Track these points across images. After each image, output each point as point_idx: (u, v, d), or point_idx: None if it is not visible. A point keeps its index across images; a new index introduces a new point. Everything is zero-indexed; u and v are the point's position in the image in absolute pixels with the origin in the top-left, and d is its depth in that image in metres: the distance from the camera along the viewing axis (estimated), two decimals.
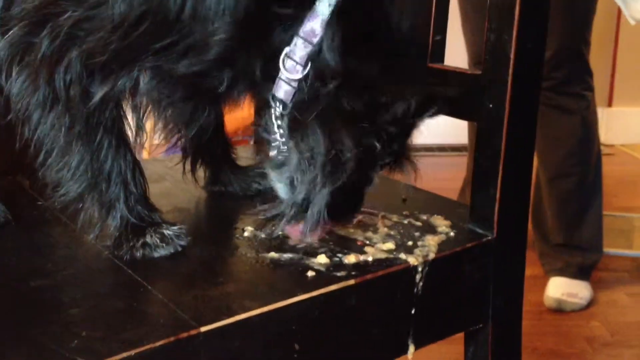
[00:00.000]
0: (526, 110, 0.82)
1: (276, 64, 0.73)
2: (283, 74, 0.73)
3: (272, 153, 0.78)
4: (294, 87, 0.73)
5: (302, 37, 0.72)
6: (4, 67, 0.75)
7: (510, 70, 0.79)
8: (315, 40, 0.71)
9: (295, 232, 0.80)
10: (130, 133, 0.80)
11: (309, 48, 0.72)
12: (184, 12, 0.70)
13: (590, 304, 1.92)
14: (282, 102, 0.75)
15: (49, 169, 0.78)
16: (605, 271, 2.07)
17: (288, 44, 0.72)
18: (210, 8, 0.69)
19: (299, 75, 0.73)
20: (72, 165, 0.77)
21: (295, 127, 0.74)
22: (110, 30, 0.70)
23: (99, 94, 0.73)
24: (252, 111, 1.22)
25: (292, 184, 0.77)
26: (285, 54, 0.73)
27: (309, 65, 0.72)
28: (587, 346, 1.74)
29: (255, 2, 0.70)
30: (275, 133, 0.77)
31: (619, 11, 2.97)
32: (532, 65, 0.81)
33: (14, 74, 0.75)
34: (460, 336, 0.90)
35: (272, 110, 0.76)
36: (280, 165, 0.78)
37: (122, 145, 0.78)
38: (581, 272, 1.96)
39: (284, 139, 0.77)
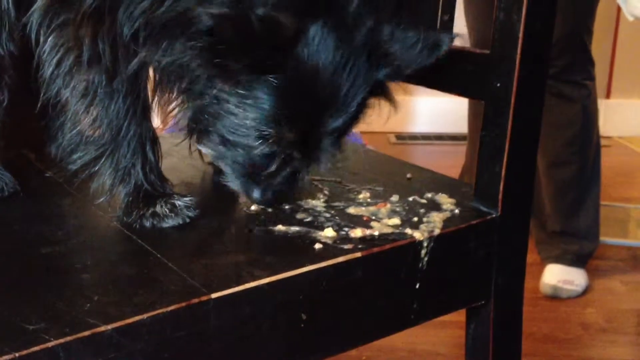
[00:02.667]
0: (533, 89, 0.83)
1: None
2: None
3: None
4: None
5: None
6: (35, 27, 0.76)
7: (519, 50, 0.80)
8: None
9: None
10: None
11: None
12: None
13: (586, 291, 1.93)
14: None
15: (66, 132, 0.79)
16: (601, 259, 2.09)
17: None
18: None
19: None
20: (94, 127, 0.78)
21: None
22: None
23: (140, 54, 0.74)
24: None
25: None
26: None
27: None
28: (582, 332, 1.75)
29: None
30: None
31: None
32: (540, 45, 0.82)
33: (46, 32, 0.75)
34: (462, 320, 0.92)
35: None
36: None
37: (145, 112, 0.79)
38: (577, 260, 1.97)
39: None
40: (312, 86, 0.72)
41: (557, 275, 1.94)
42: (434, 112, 3.29)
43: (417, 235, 0.80)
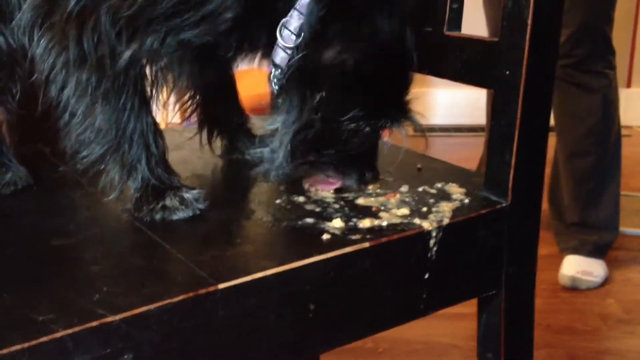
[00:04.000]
0: (542, 77, 0.83)
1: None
2: (280, 42, 0.79)
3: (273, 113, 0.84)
4: (288, 54, 0.79)
5: (297, 10, 0.78)
6: (27, 29, 0.77)
7: (527, 37, 0.79)
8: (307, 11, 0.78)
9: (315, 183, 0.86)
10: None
11: (302, 19, 0.78)
12: None
13: (605, 282, 1.92)
14: (279, 66, 0.81)
15: (72, 130, 0.79)
16: (620, 250, 2.07)
17: (286, 15, 0.78)
18: None
19: (292, 44, 0.79)
20: (95, 126, 0.78)
21: (284, 90, 0.81)
22: None
23: (127, 52, 0.75)
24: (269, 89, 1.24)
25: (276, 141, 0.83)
26: (282, 24, 0.79)
27: (302, 34, 0.78)
28: (601, 323, 1.74)
29: None
30: (275, 95, 0.83)
31: None
32: (549, 32, 0.81)
33: (38, 34, 0.76)
34: (474, 312, 0.91)
35: (271, 75, 0.82)
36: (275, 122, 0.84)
37: (144, 106, 0.80)
38: (596, 251, 1.95)
39: (276, 99, 0.83)
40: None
41: (575, 267, 1.92)
42: (453, 104, 3.27)
43: (426, 225, 0.79)
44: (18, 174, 0.90)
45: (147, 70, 0.82)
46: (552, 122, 2.00)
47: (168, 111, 0.93)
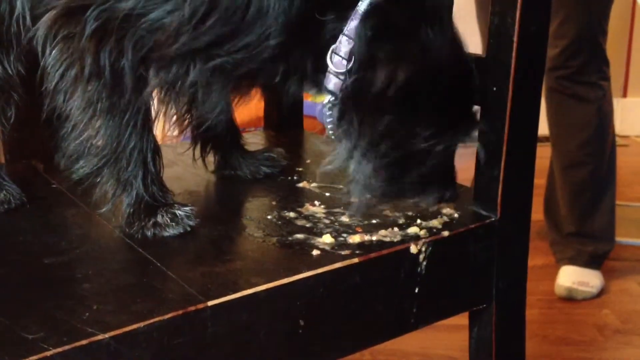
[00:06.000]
0: (530, 92, 0.83)
1: (325, 59, 0.80)
2: (331, 68, 0.80)
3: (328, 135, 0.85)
4: (341, 79, 0.80)
5: (346, 35, 0.78)
6: (42, 39, 0.78)
7: (514, 53, 0.80)
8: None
9: None
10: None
11: (352, 44, 0.78)
12: (249, 11, 0.74)
13: (602, 292, 1.92)
14: (332, 93, 0.81)
15: (72, 140, 0.81)
16: (617, 260, 2.07)
17: (334, 41, 0.79)
18: (269, 8, 0.74)
19: (344, 69, 0.79)
20: (96, 139, 0.80)
21: (342, 115, 0.81)
22: (177, 26, 0.74)
23: (154, 80, 0.77)
24: (262, 103, 1.24)
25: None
26: (332, 50, 0.79)
27: (353, 58, 0.78)
28: (597, 334, 1.74)
29: (306, 5, 0.76)
30: (328, 120, 0.83)
31: (634, 1, 2.95)
32: (535, 48, 0.82)
33: (51, 45, 0.78)
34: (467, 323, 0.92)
35: (325, 101, 0.83)
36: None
37: (147, 125, 0.81)
38: (592, 261, 1.96)
39: (335, 126, 0.82)
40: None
41: (572, 277, 1.93)
42: None
43: (415, 240, 0.80)
44: (11, 192, 0.91)
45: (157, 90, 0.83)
46: (547, 132, 2.01)
47: (167, 123, 0.94)
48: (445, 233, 0.82)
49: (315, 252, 0.77)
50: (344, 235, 0.81)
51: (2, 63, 0.87)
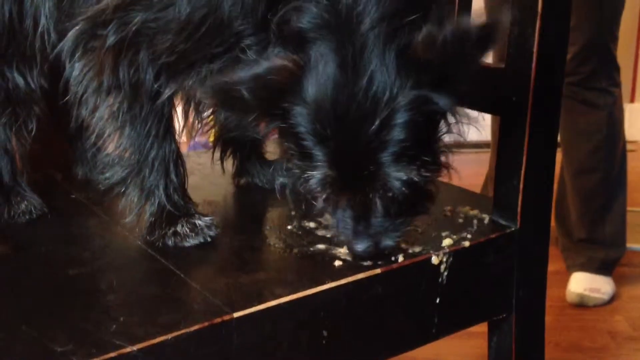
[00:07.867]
0: (549, 103, 0.84)
1: None
2: None
3: None
4: None
5: None
6: (68, 53, 0.80)
7: (534, 64, 0.80)
8: None
9: None
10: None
11: None
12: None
13: (613, 299, 1.91)
14: None
15: (98, 152, 0.83)
16: (628, 266, 2.06)
17: None
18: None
19: None
20: (120, 149, 0.80)
21: None
22: (176, 32, 0.74)
23: (166, 91, 0.78)
24: None
25: None
26: None
27: None
28: (609, 340, 1.74)
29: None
30: None
31: None
32: (555, 59, 0.83)
33: (75, 58, 0.80)
34: (487, 330, 0.92)
35: None
36: None
37: (169, 135, 0.82)
38: (603, 268, 1.95)
39: None
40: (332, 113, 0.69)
41: (583, 284, 1.92)
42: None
43: (436, 250, 0.80)
44: (33, 203, 0.92)
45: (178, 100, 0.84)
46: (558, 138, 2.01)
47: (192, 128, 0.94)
48: (466, 243, 0.82)
49: (337, 263, 0.77)
50: None
51: (26, 78, 0.88)
